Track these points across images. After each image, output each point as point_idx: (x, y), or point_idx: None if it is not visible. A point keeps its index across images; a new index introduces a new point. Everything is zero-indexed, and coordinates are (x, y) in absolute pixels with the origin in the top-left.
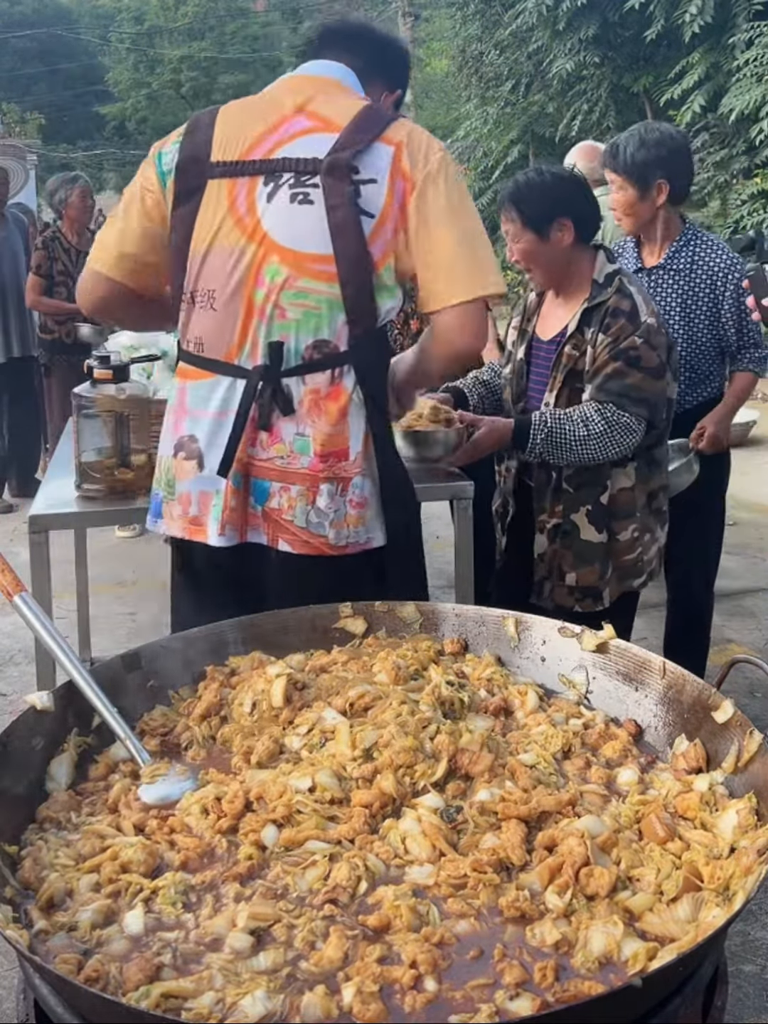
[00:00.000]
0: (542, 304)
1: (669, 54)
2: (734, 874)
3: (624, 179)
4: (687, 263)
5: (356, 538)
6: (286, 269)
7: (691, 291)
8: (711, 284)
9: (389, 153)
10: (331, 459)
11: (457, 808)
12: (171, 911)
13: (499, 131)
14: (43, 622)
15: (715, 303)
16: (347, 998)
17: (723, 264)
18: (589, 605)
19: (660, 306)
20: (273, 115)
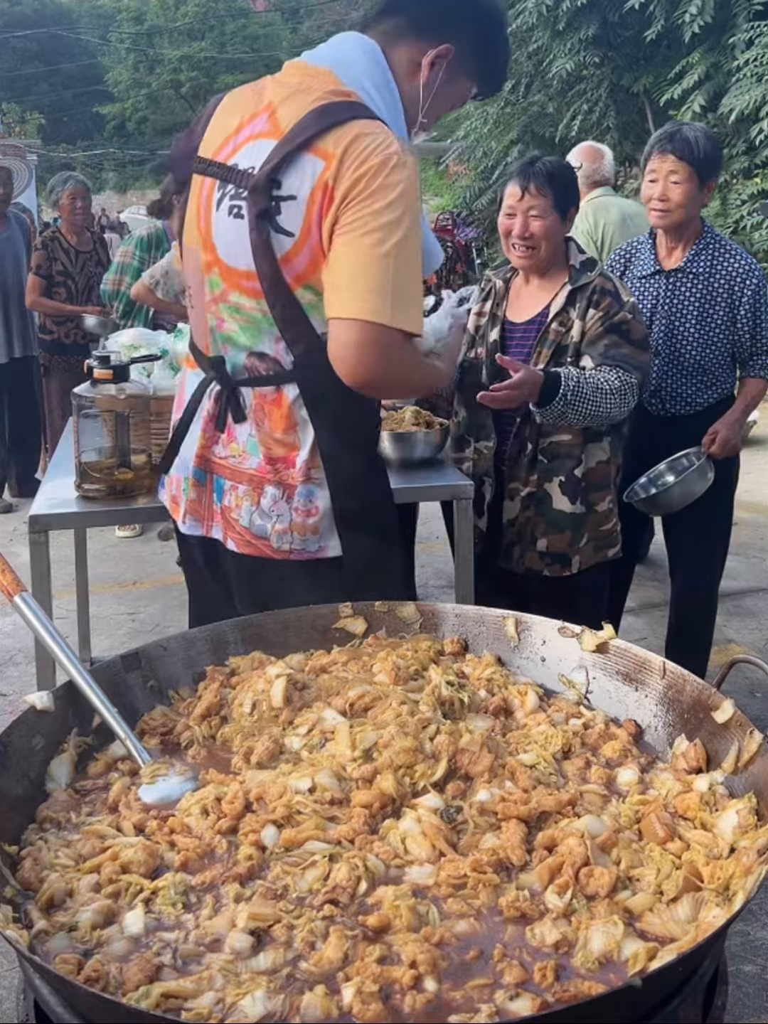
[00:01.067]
0: (510, 289)
1: (669, 54)
2: (734, 874)
3: (692, 170)
4: (706, 267)
5: (303, 546)
6: (222, 282)
7: (709, 295)
8: (729, 289)
9: (316, 166)
10: (278, 464)
11: (457, 808)
12: (171, 911)
13: (499, 131)
14: (43, 622)
15: (732, 308)
16: (347, 998)
17: (742, 269)
18: (558, 570)
19: (676, 310)
20: (246, 112)
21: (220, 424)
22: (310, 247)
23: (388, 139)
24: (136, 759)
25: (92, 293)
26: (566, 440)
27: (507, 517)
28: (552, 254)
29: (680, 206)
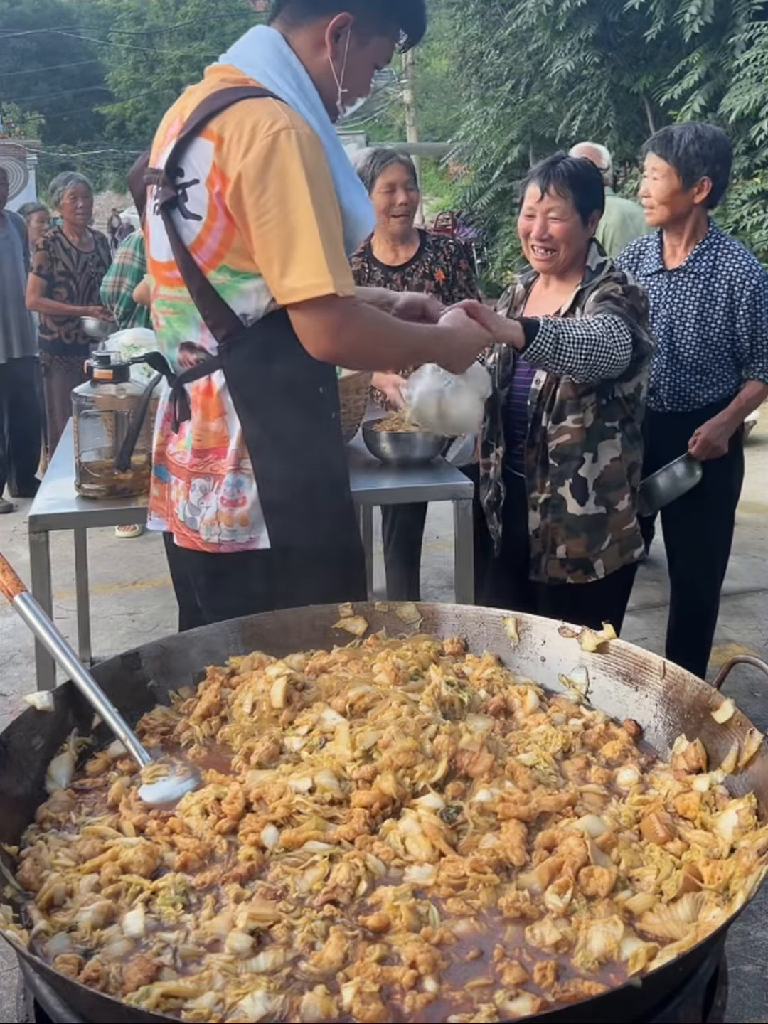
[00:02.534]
0: (530, 293)
1: (669, 54)
2: (734, 874)
3: (671, 167)
4: (708, 267)
5: (232, 537)
6: (154, 280)
7: (709, 295)
8: (728, 289)
9: (209, 148)
10: (208, 455)
11: (457, 808)
12: (171, 912)
13: (499, 131)
14: (43, 622)
15: (731, 309)
16: (347, 998)
17: (742, 270)
18: (580, 576)
19: (677, 308)
20: (172, 118)
21: (175, 423)
22: (220, 227)
23: (275, 115)
24: (136, 759)
25: (93, 293)
26: (568, 440)
27: (532, 528)
28: (573, 257)
29: (661, 202)
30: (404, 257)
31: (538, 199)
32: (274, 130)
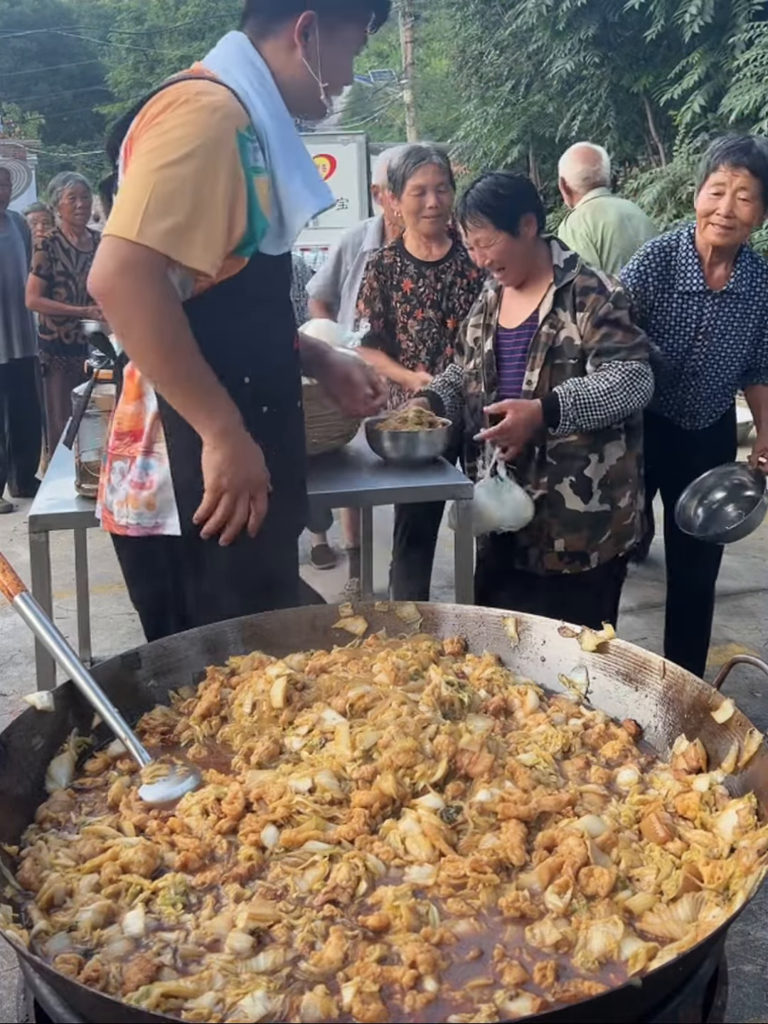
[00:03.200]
0: (501, 298)
1: (669, 54)
2: (734, 874)
3: (763, 188)
4: (748, 287)
5: (139, 521)
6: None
7: (744, 315)
8: (762, 307)
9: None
10: (126, 438)
11: (457, 808)
12: (171, 912)
13: (499, 131)
14: (43, 622)
15: (761, 325)
16: (347, 998)
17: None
18: (577, 567)
19: (727, 332)
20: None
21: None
22: None
23: (200, 89)
24: (136, 759)
25: None
26: (573, 440)
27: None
28: (524, 267)
29: (746, 224)
30: (438, 254)
31: (472, 235)
32: (184, 93)
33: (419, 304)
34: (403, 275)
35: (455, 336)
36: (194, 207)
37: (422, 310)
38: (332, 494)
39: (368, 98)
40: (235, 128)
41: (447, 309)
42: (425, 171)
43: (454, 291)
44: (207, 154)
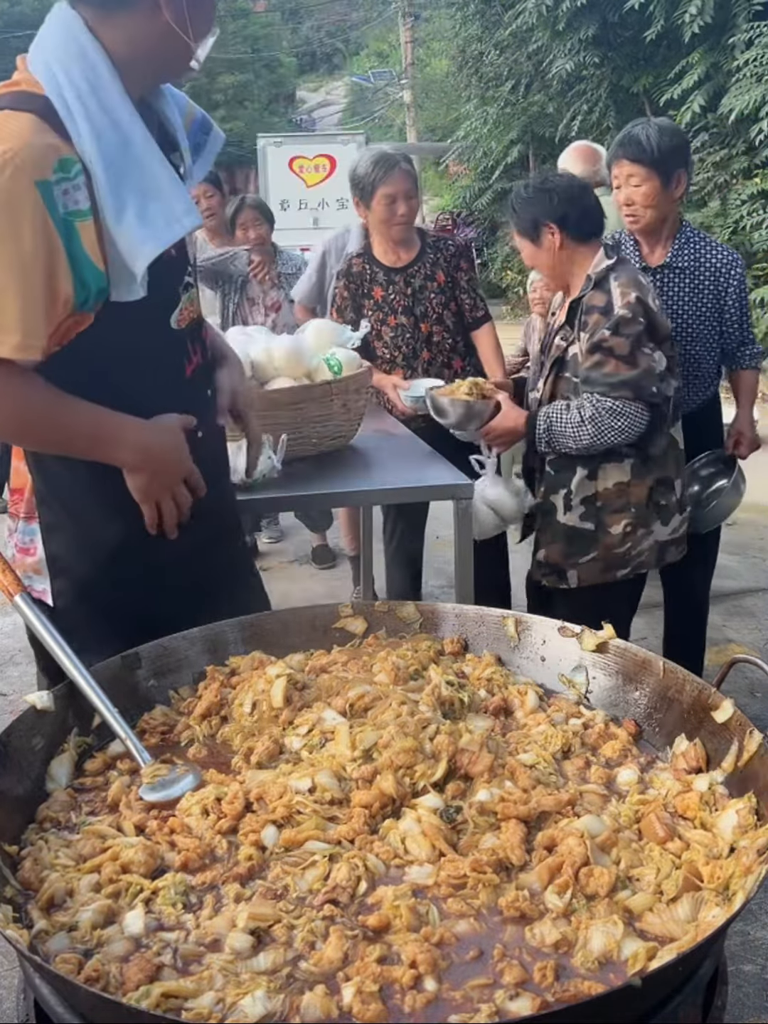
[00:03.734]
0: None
1: (669, 54)
2: (734, 874)
3: (649, 170)
4: (691, 261)
5: (30, 584)
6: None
7: (696, 289)
8: (715, 281)
9: None
10: (16, 495)
11: (457, 808)
12: (171, 911)
13: (499, 131)
14: (43, 622)
15: (719, 300)
16: (347, 998)
17: (727, 260)
18: (554, 581)
19: (668, 306)
20: None
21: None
22: None
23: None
24: (136, 759)
25: None
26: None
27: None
28: (556, 274)
29: (647, 207)
30: (405, 259)
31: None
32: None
33: (391, 311)
34: (373, 283)
35: (431, 339)
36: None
37: (394, 317)
38: (332, 494)
39: (368, 98)
40: (33, 180)
41: (420, 314)
42: (395, 179)
43: (425, 295)
44: (33, 228)
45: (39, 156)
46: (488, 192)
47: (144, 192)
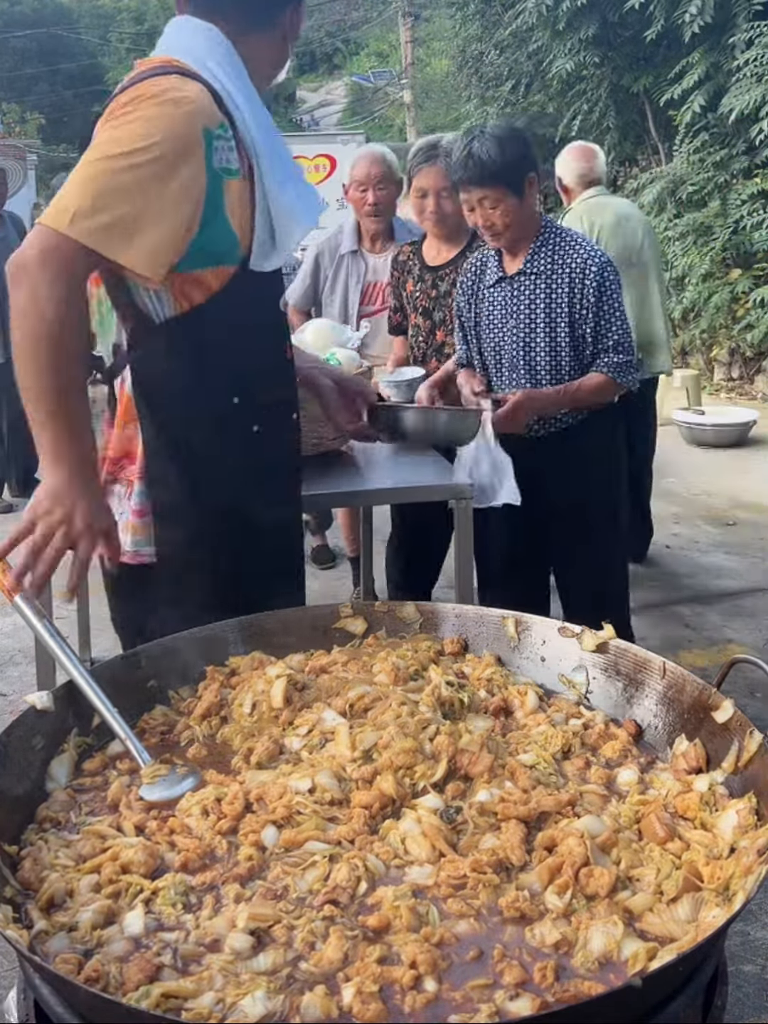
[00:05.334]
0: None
1: (669, 54)
2: (734, 874)
3: (501, 188)
4: (547, 264)
5: (136, 548)
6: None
7: (552, 295)
8: (570, 283)
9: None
10: (122, 461)
11: (457, 809)
12: (171, 912)
13: None
14: (43, 622)
15: (572, 306)
16: (347, 998)
17: (580, 260)
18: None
19: (524, 316)
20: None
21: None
22: None
23: (168, 83)
24: (136, 759)
25: None
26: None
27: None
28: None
29: (509, 225)
30: (443, 258)
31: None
32: (152, 89)
33: (413, 308)
34: (409, 275)
35: (442, 350)
36: (137, 203)
37: (415, 315)
38: (332, 494)
39: (368, 98)
40: (202, 125)
41: (438, 320)
42: (428, 173)
43: (448, 301)
44: (164, 149)
45: (210, 110)
46: None
47: (293, 177)
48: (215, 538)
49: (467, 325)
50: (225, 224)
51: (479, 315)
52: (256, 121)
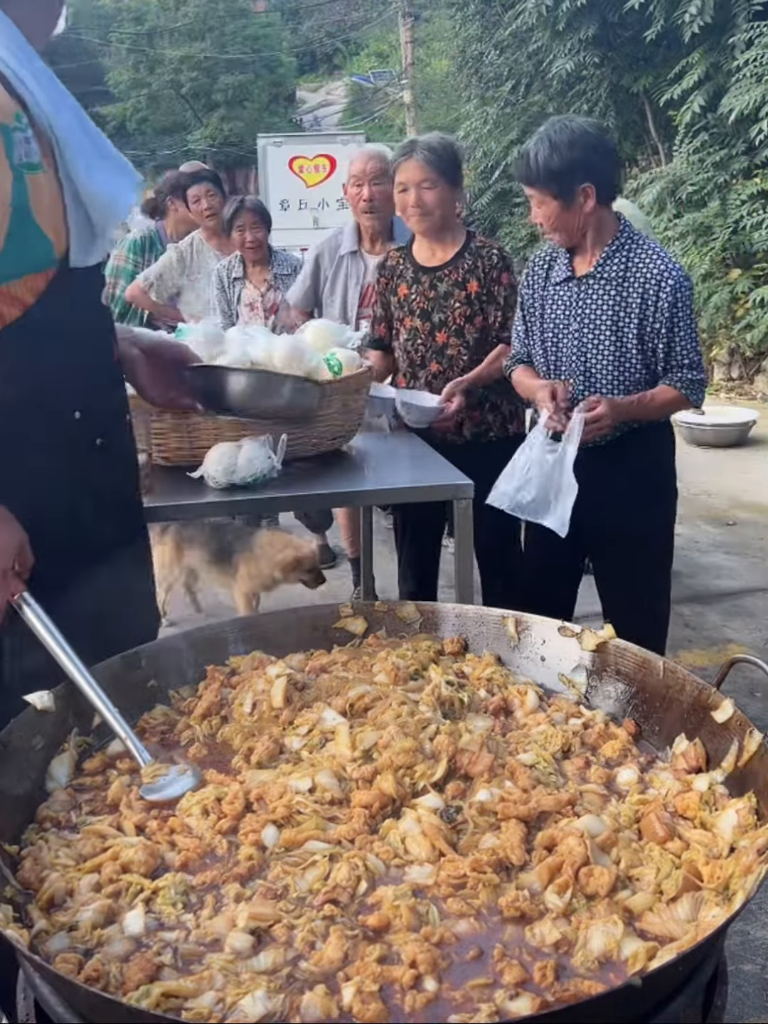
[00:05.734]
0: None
1: (669, 54)
2: (734, 874)
3: (542, 192)
4: (619, 271)
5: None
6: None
7: (622, 302)
8: (643, 294)
9: None
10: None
11: (457, 808)
12: (171, 911)
13: (499, 131)
14: (44, 622)
15: (644, 316)
16: (347, 998)
17: (657, 271)
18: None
19: (589, 320)
20: None
21: None
22: None
23: None
24: (137, 759)
25: None
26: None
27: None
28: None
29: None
30: (440, 259)
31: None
32: None
33: (409, 312)
34: (401, 279)
35: (444, 351)
36: None
37: (411, 318)
38: (332, 494)
39: (368, 98)
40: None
41: (438, 321)
42: (407, 167)
43: (449, 302)
44: None
45: (3, 102)
46: (488, 192)
47: (102, 153)
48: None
49: (529, 320)
50: (35, 230)
51: (543, 311)
52: (50, 99)
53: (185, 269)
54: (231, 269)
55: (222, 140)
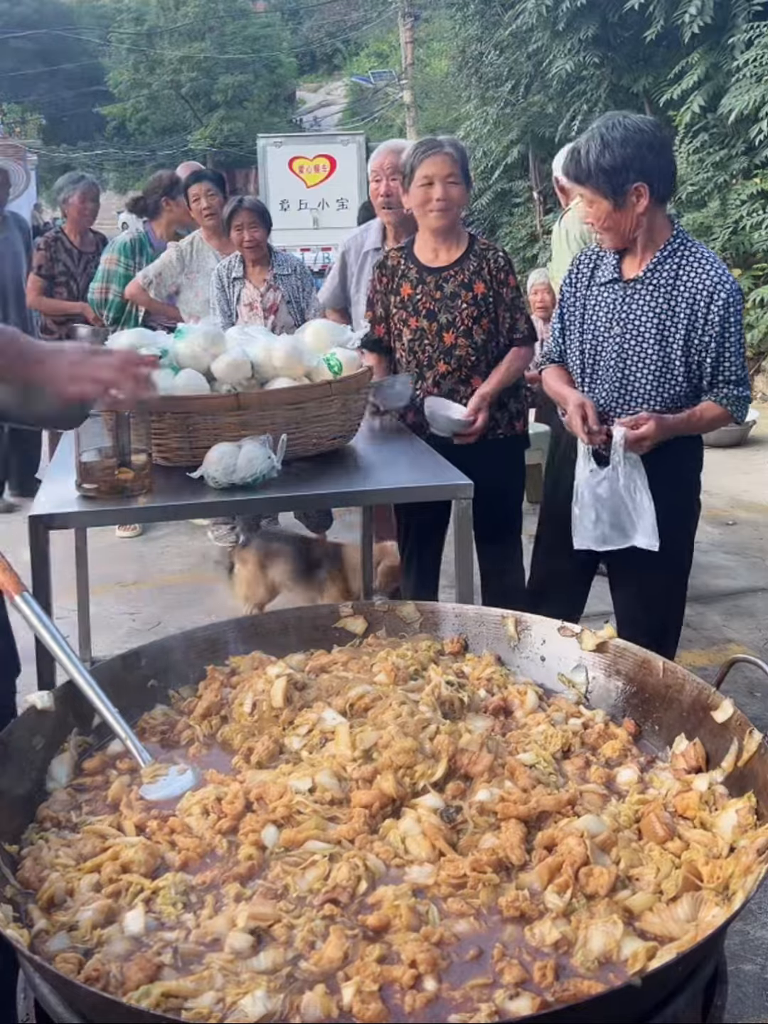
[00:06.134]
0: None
1: (669, 54)
2: (734, 873)
3: (593, 191)
4: (670, 278)
5: None
6: None
7: (670, 311)
8: (692, 303)
9: None
10: None
11: (457, 808)
12: (171, 911)
13: (499, 132)
14: (44, 622)
15: (692, 326)
16: (347, 998)
17: (709, 281)
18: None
19: (632, 326)
20: None
21: None
22: None
23: None
24: (137, 759)
25: None
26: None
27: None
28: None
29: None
30: (444, 260)
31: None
32: None
33: (414, 312)
34: (403, 279)
35: (452, 352)
36: None
37: (416, 319)
38: (332, 494)
39: (368, 98)
40: None
41: (445, 322)
42: (434, 160)
43: (456, 303)
44: None
45: None
46: (488, 192)
47: None
48: None
49: (568, 319)
50: None
51: (584, 312)
52: None
53: (184, 268)
54: (231, 269)
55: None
